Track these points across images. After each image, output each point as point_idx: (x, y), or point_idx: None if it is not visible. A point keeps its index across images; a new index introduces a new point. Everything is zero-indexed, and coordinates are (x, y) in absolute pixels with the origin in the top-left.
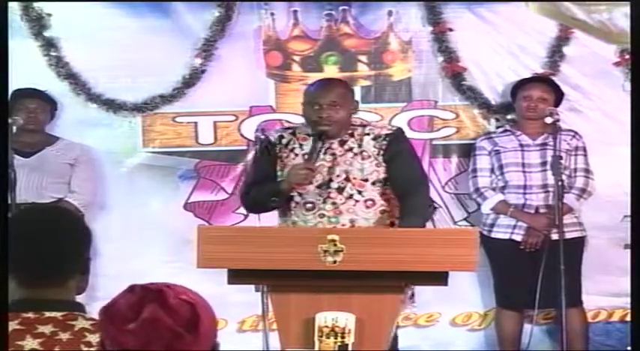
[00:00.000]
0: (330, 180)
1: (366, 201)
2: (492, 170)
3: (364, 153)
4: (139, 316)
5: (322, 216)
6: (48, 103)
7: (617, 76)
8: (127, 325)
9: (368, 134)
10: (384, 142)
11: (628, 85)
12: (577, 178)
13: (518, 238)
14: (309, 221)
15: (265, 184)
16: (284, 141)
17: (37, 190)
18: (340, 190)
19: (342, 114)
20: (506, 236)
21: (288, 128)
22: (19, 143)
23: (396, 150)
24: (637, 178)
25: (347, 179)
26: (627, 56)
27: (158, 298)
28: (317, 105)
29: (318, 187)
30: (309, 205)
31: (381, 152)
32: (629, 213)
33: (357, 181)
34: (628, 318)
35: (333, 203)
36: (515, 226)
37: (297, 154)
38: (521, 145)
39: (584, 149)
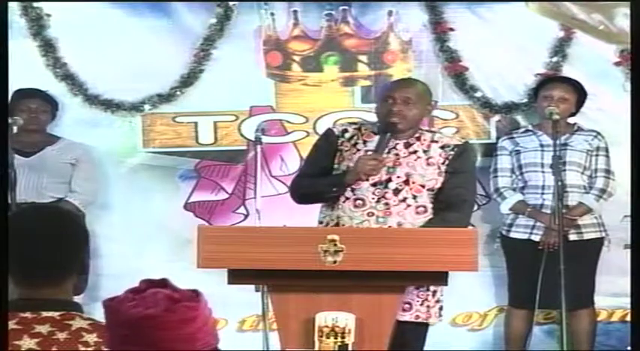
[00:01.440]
0: (389, 180)
1: (417, 207)
2: (513, 170)
3: (430, 159)
4: (140, 295)
5: (371, 214)
6: (49, 103)
7: (618, 76)
8: (128, 302)
9: (436, 142)
10: (451, 153)
11: (628, 85)
12: (597, 178)
13: (536, 238)
14: (355, 218)
15: (323, 175)
16: (347, 135)
17: (37, 189)
18: (396, 191)
19: (415, 112)
20: (525, 236)
21: (354, 123)
22: (20, 143)
23: (460, 165)
24: (637, 178)
25: (406, 182)
26: (628, 56)
27: (160, 284)
28: (391, 99)
29: (374, 185)
30: (359, 202)
31: (446, 162)
32: (629, 213)
33: (416, 186)
34: (628, 318)
35: (386, 204)
36: (534, 227)
37: (359, 150)
38: (542, 145)
39: (606, 150)
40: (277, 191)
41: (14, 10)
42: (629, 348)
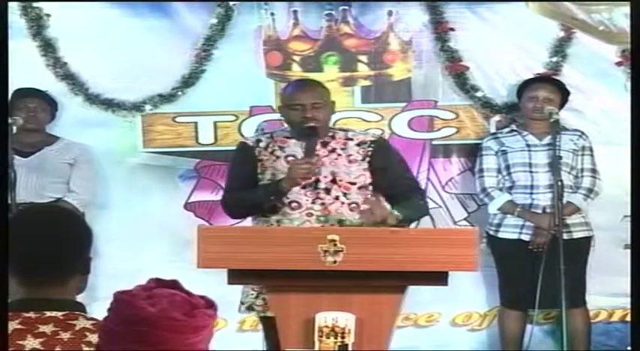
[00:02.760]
0: (318, 180)
1: (350, 204)
2: (499, 170)
3: (351, 157)
4: (154, 293)
5: (310, 214)
6: (48, 103)
7: (618, 76)
8: (143, 300)
9: (351, 139)
10: (370, 149)
11: (629, 85)
12: (584, 178)
13: (526, 238)
14: (295, 219)
15: (250, 186)
16: (262, 144)
17: (35, 189)
18: (327, 191)
19: (325, 114)
20: (515, 236)
21: (265, 133)
22: (18, 143)
23: (385, 159)
24: (637, 178)
25: (333, 181)
26: (628, 56)
27: (172, 285)
28: (299, 106)
29: (303, 187)
30: (294, 204)
31: (367, 159)
32: (628, 213)
33: (344, 183)
34: (628, 318)
35: (322, 203)
36: (523, 226)
37: (278, 157)
38: (528, 146)
39: (591, 149)
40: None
41: (14, 10)
42: (629, 348)
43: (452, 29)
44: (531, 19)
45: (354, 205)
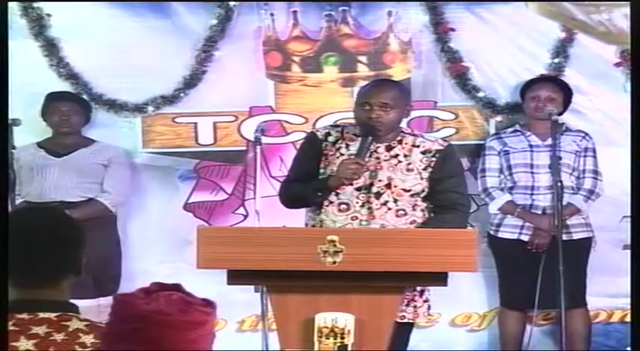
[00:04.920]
0: (372, 184)
1: (397, 210)
2: (501, 170)
3: (410, 165)
4: (152, 294)
5: (355, 218)
6: (81, 106)
7: (618, 76)
8: (140, 299)
9: (417, 146)
10: (433, 159)
11: (629, 86)
12: (585, 179)
13: (526, 238)
14: (338, 222)
15: (309, 180)
16: (331, 139)
17: (66, 189)
18: (378, 195)
19: (392, 116)
20: (514, 236)
21: (337, 126)
22: (53, 144)
23: (447, 170)
24: (637, 179)
25: (388, 185)
26: (628, 56)
27: (173, 288)
28: (367, 105)
29: (358, 189)
30: (343, 206)
31: (429, 169)
32: (628, 213)
33: (397, 189)
34: (627, 319)
35: (369, 208)
36: (522, 227)
37: (342, 154)
38: (531, 146)
39: (594, 151)
40: (277, 192)
41: (14, 10)
42: (628, 348)
43: (452, 29)
44: (531, 19)
45: (401, 211)
